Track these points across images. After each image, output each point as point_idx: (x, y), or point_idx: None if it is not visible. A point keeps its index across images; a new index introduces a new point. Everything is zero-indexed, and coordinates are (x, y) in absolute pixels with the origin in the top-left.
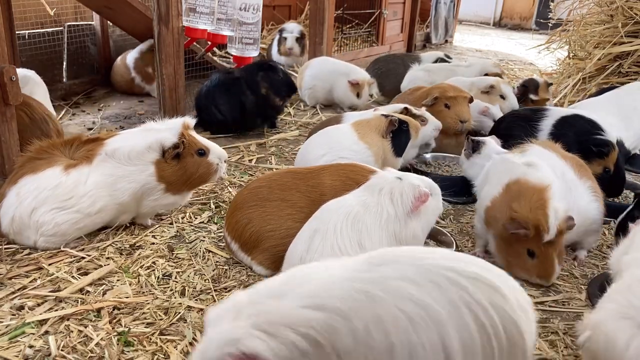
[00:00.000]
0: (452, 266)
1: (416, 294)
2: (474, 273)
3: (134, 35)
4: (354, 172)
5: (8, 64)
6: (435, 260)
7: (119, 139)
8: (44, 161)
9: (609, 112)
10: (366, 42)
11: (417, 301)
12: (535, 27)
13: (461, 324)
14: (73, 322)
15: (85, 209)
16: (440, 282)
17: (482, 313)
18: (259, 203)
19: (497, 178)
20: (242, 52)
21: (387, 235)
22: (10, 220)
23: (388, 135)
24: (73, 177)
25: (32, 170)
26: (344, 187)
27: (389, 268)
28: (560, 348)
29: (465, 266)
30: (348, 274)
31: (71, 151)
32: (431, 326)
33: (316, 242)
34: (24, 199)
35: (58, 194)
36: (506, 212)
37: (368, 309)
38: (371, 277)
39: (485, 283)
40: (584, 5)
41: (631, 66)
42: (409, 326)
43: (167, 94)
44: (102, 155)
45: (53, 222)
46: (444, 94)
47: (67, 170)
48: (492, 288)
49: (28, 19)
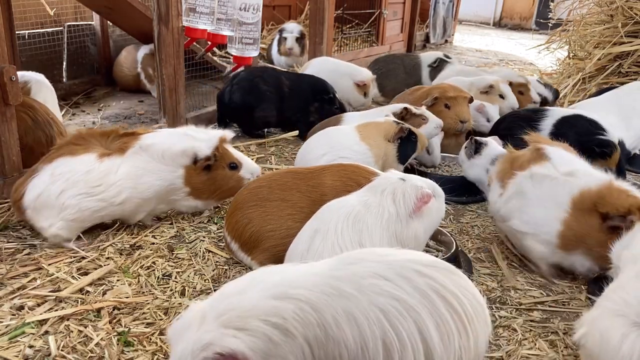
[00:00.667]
0: (413, 259)
1: (388, 288)
2: (433, 261)
3: (134, 35)
4: (355, 173)
5: (8, 64)
6: (397, 256)
7: (156, 135)
8: (81, 147)
9: (608, 112)
10: (366, 42)
11: (390, 295)
12: (535, 27)
13: (435, 311)
14: (73, 322)
15: (110, 197)
16: (408, 274)
17: (452, 298)
18: (259, 203)
19: (552, 201)
20: (242, 52)
21: (388, 235)
22: (36, 196)
23: (396, 140)
24: (105, 165)
25: (69, 153)
26: (345, 188)
27: (358, 266)
28: (560, 348)
29: (423, 257)
30: (317, 270)
31: (108, 142)
32: (407, 317)
33: (317, 242)
34: (57, 179)
35: (89, 179)
36: (591, 222)
37: (339, 304)
38: (342, 274)
39: (446, 269)
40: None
41: (631, 66)
42: (383, 320)
43: (167, 94)
44: (135, 148)
45: (77, 206)
46: (444, 94)
47: (101, 158)
48: (452, 272)
49: (28, 19)
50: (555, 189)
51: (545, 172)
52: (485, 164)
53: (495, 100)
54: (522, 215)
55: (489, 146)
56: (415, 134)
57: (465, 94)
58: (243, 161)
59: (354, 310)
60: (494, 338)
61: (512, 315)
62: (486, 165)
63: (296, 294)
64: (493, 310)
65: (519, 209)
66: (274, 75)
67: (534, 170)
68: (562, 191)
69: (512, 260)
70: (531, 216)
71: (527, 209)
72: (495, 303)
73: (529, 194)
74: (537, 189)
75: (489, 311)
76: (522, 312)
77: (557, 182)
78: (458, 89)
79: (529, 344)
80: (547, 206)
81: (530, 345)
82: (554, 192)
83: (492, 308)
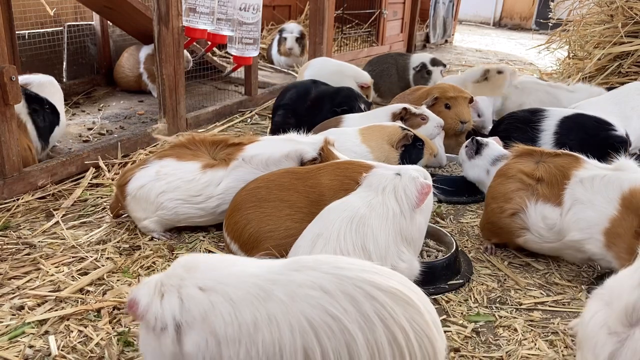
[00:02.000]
0: (371, 279)
1: (325, 303)
2: (393, 288)
3: (134, 36)
4: (350, 170)
5: (8, 64)
6: (355, 273)
7: (259, 145)
8: (190, 152)
9: (608, 112)
10: (366, 42)
11: (325, 310)
12: (535, 27)
13: (373, 340)
14: (73, 322)
15: (210, 208)
16: (355, 294)
17: (399, 331)
18: (257, 204)
19: (601, 197)
20: (242, 52)
21: (393, 234)
22: (138, 187)
23: (399, 147)
24: (207, 177)
25: (178, 156)
26: (342, 186)
27: (302, 275)
28: (560, 348)
29: (385, 280)
30: (257, 271)
31: (215, 151)
32: (339, 337)
33: (318, 247)
34: (161, 178)
35: (189, 188)
36: (633, 223)
37: (262, 305)
38: (278, 279)
39: (404, 299)
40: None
41: (631, 66)
42: (309, 331)
43: (167, 94)
44: (239, 161)
45: (174, 210)
46: (444, 94)
47: (204, 169)
48: (410, 305)
49: (28, 19)
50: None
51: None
52: (486, 164)
53: (497, 79)
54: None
55: (489, 147)
56: (421, 141)
57: (466, 94)
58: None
59: (277, 314)
60: (494, 338)
61: (512, 315)
62: (487, 166)
63: (217, 289)
64: (493, 310)
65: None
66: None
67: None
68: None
69: (512, 261)
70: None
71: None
72: (495, 303)
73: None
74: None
75: (489, 311)
76: (522, 312)
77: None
78: (458, 89)
79: (529, 344)
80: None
81: (530, 345)
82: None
83: (492, 308)
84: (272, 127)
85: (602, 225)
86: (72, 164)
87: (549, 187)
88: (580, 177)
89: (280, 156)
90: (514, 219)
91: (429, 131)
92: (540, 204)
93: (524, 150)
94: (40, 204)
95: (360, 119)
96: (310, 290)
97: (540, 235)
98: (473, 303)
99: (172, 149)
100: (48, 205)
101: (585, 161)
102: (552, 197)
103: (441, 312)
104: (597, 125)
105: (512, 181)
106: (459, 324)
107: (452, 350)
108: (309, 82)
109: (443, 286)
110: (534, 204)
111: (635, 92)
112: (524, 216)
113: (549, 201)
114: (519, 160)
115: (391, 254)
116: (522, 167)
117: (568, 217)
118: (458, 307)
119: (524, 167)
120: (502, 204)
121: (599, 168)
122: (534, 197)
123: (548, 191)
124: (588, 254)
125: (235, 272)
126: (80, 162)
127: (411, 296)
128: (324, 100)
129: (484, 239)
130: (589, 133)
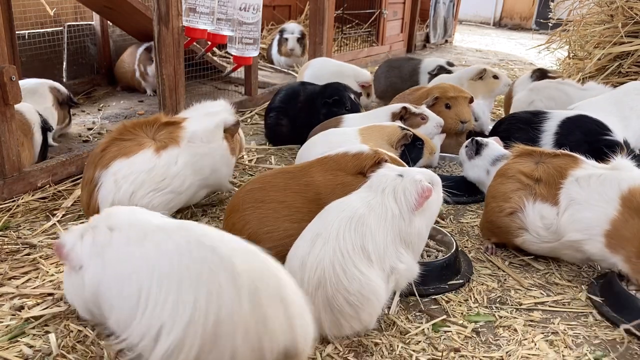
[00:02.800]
0: (228, 256)
1: (171, 253)
2: (248, 265)
3: (134, 35)
4: (340, 163)
5: (8, 64)
6: (214, 243)
7: (192, 122)
8: (132, 142)
9: (607, 112)
10: (366, 42)
11: (166, 256)
12: (535, 27)
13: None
14: (73, 321)
15: (177, 187)
16: (197, 253)
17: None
18: (254, 205)
19: (597, 196)
20: (242, 52)
21: (392, 235)
22: (109, 205)
23: (399, 147)
24: (164, 159)
25: (123, 153)
26: (336, 180)
27: (179, 232)
28: (560, 348)
29: (239, 258)
30: (157, 222)
31: (152, 132)
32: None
33: (318, 246)
34: (122, 184)
35: (152, 176)
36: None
37: (141, 243)
38: (163, 229)
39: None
40: (584, 5)
41: (631, 66)
42: (152, 270)
43: (167, 94)
44: (187, 137)
45: (150, 204)
46: (444, 94)
47: (158, 152)
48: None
49: (28, 19)
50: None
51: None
52: (486, 164)
53: (491, 83)
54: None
55: (489, 147)
56: (421, 140)
57: (466, 93)
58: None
59: (145, 251)
60: (494, 338)
61: (512, 315)
62: (487, 166)
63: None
64: (493, 310)
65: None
66: None
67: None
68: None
69: (512, 261)
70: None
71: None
72: (495, 303)
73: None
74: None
75: (489, 311)
76: (522, 312)
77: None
78: (458, 89)
79: (529, 344)
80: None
81: (530, 345)
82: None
83: (492, 308)
84: (266, 131)
85: (602, 227)
86: (72, 164)
87: (547, 187)
88: (577, 176)
89: (214, 127)
90: (513, 218)
91: (428, 130)
92: (538, 203)
93: (523, 151)
94: (40, 204)
95: (361, 119)
96: (170, 244)
97: (538, 235)
98: (473, 303)
99: (107, 150)
100: (48, 205)
101: (583, 161)
102: (550, 197)
103: (441, 312)
104: (596, 129)
105: (511, 181)
106: (459, 324)
107: (452, 350)
108: (297, 84)
109: (443, 286)
110: (532, 204)
111: (634, 92)
112: (522, 215)
113: (546, 201)
114: (519, 160)
115: (390, 255)
116: (521, 167)
117: (565, 217)
118: (458, 307)
119: (523, 168)
120: (501, 203)
121: (596, 168)
122: (532, 196)
123: (546, 191)
124: (587, 254)
125: (140, 219)
126: (80, 162)
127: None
128: (315, 97)
129: (484, 238)
130: (587, 136)
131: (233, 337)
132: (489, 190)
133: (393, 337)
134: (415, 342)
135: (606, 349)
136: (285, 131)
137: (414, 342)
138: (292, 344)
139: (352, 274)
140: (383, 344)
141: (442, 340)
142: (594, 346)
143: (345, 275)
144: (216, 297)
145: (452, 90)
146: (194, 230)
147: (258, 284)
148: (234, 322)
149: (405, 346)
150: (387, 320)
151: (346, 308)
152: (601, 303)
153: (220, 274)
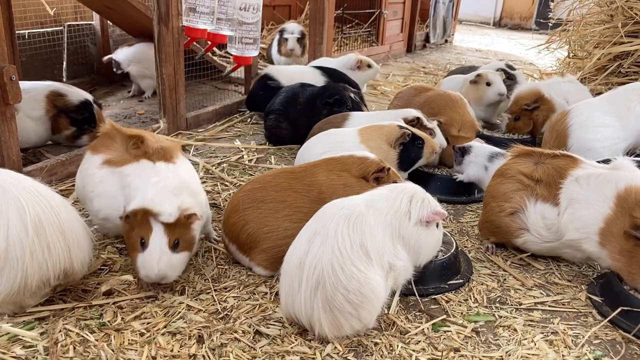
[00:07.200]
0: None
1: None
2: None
3: (134, 35)
4: (345, 164)
5: (8, 63)
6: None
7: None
8: (131, 155)
9: (606, 113)
10: (366, 42)
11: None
12: (535, 27)
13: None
14: (72, 321)
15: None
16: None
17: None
18: (254, 205)
19: (596, 196)
20: (242, 52)
21: (390, 231)
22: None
23: (397, 146)
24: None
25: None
26: (340, 180)
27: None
28: (560, 348)
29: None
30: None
31: (129, 146)
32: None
33: (316, 245)
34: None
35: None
36: (625, 223)
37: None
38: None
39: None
40: (584, 5)
41: (631, 66)
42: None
43: (167, 93)
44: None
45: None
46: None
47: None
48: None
49: (28, 19)
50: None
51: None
52: (483, 161)
53: (482, 88)
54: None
55: (474, 147)
56: (421, 140)
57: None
58: None
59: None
60: (494, 338)
61: (512, 315)
62: (484, 162)
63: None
64: (493, 310)
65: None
66: None
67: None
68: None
69: (512, 261)
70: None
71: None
72: (495, 303)
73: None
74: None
75: (489, 311)
76: (522, 312)
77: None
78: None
79: (529, 344)
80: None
81: (530, 345)
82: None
83: (492, 308)
84: (265, 132)
85: (597, 225)
86: (72, 164)
87: (547, 188)
88: (576, 175)
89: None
90: (513, 218)
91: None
92: (539, 203)
93: (522, 151)
94: None
95: (368, 118)
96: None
97: (540, 235)
98: (473, 303)
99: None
100: None
101: (582, 161)
102: (550, 197)
103: (441, 312)
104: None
105: (511, 181)
106: (459, 324)
107: (452, 350)
108: (297, 86)
109: (443, 286)
110: (534, 204)
111: (632, 93)
112: (523, 216)
113: (547, 201)
114: (518, 160)
115: (388, 251)
116: (521, 167)
117: (565, 217)
118: (458, 307)
119: (523, 168)
120: (502, 203)
121: (595, 167)
122: (533, 197)
123: (546, 192)
124: (586, 253)
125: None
126: (80, 162)
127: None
128: (314, 98)
129: (483, 237)
130: None
131: (23, 259)
132: (488, 189)
133: (393, 337)
134: (415, 342)
135: (606, 349)
136: (285, 134)
137: (413, 342)
138: (70, 266)
139: (350, 272)
140: (383, 343)
141: (442, 340)
142: (594, 346)
143: (344, 273)
144: (5, 229)
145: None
146: None
147: (42, 218)
148: (23, 247)
149: (405, 346)
150: (387, 320)
151: (346, 307)
152: (601, 303)
153: (9, 210)
